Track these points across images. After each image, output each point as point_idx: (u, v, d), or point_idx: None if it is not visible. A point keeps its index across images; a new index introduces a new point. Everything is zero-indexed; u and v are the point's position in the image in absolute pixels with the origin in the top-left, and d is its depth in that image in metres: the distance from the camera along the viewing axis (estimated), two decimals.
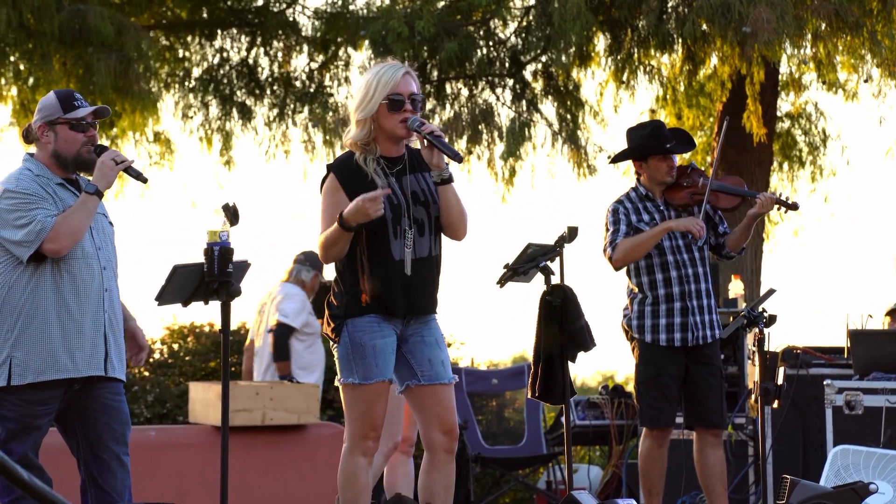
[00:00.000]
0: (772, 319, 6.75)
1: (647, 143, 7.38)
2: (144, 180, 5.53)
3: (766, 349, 6.78)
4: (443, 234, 5.31)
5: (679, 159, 7.45)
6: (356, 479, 5.24)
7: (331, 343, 5.30)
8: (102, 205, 5.70)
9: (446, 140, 5.24)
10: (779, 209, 7.40)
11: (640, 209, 7.38)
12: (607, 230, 7.37)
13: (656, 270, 7.31)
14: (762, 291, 9.22)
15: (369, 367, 5.14)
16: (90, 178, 5.53)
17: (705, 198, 7.31)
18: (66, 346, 5.46)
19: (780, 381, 8.36)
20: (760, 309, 6.73)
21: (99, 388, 5.58)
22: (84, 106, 5.58)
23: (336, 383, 5.29)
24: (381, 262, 5.17)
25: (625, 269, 7.38)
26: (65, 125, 5.54)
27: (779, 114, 13.08)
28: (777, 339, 8.91)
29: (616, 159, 8.06)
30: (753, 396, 8.06)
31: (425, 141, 5.15)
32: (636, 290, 7.37)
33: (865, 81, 11.63)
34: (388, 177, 5.20)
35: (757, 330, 6.71)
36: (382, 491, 7.11)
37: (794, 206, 7.40)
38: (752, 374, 8.46)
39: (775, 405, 6.79)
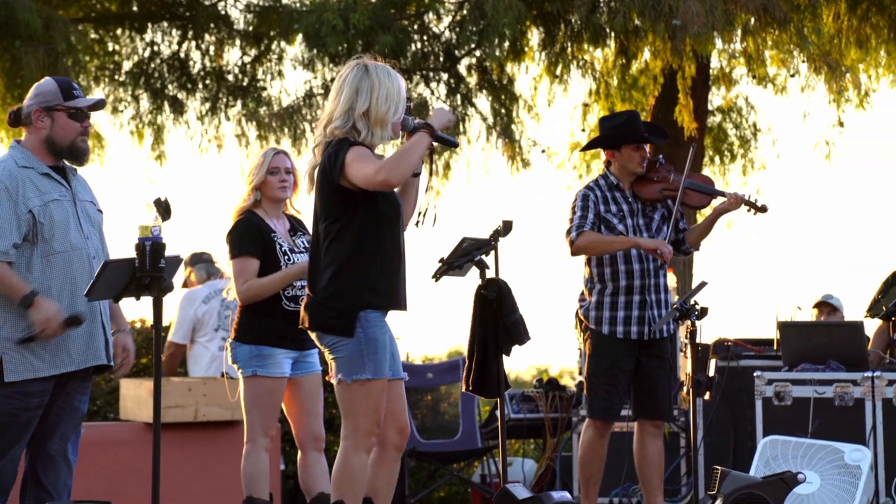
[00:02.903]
0: (704, 312, 6.81)
1: (621, 131, 7.41)
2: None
3: (697, 341, 6.83)
4: None
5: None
6: (356, 477, 5.16)
7: (328, 339, 5.21)
8: (90, 191, 5.69)
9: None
10: (748, 210, 7.44)
11: (609, 198, 7.40)
12: (573, 213, 7.35)
13: (619, 261, 7.33)
14: (694, 284, 9.30)
15: (381, 362, 5.15)
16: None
17: (679, 196, 7.34)
18: (62, 340, 5.44)
19: (711, 373, 8.44)
20: (693, 301, 6.78)
21: (72, 385, 5.57)
22: (82, 96, 5.57)
23: (333, 380, 5.22)
24: (395, 254, 5.23)
25: (584, 257, 7.40)
26: (63, 112, 5.55)
27: (710, 108, 13.19)
28: (708, 332, 8.99)
29: (588, 147, 8.12)
30: (685, 388, 8.13)
31: (408, 136, 5.25)
32: (595, 279, 7.39)
33: (793, 76, 11.75)
34: None
35: (689, 322, 6.76)
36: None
37: (763, 209, 7.44)
38: (684, 366, 8.54)
39: (707, 397, 6.85)
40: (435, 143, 5.32)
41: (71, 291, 5.50)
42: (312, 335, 5.31)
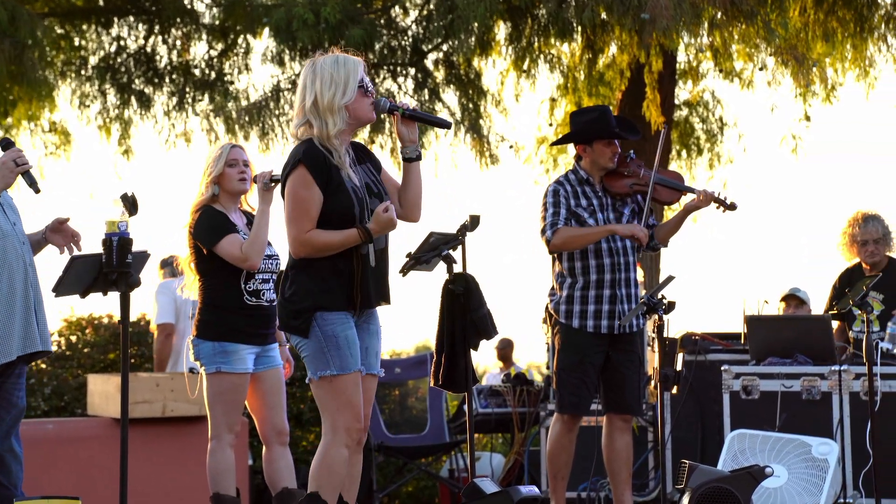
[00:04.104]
0: (671, 306, 6.82)
1: (593, 126, 7.42)
2: (38, 190, 5.47)
3: (665, 336, 6.85)
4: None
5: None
6: (333, 471, 5.19)
7: (293, 339, 5.26)
8: None
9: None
10: (717, 207, 7.45)
11: (579, 193, 7.41)
12: (545, 209, 7.36)
13: (590, 256, 7.34)
14: (661, 278, 9.32)
15: (345, 357, 5.17)
16: None
17: (650, 191, 7.36)
18: (6, 329, 5.40)
19: (678, 367, 8.45)
20: (660, 296, 6.80)
21: (9, 381, 5.53)
22: None
23: (307, 381, 5.26)
24: (351, 255, 5.22)
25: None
26: None
27: (676, 102, 13.22)
28: (676, 326, 9.01)
29: (559, 142, 8.12)
30: (653, 382, 8.15)
31: (400, 119, 5.32)
32: (566, 273, 7.39)
33: (760, 69, 11.78)
34: (354, 168, 5.26)
35: (657, 317, 6.78)
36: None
37: (733, 207, 7.45)
38: (652, 360, 8.55)
39: (674, 391, 6.86)
40: (423, 125, 5.49)
41: (9, 276, 5.45)
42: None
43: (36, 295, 5.56)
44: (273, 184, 6.34)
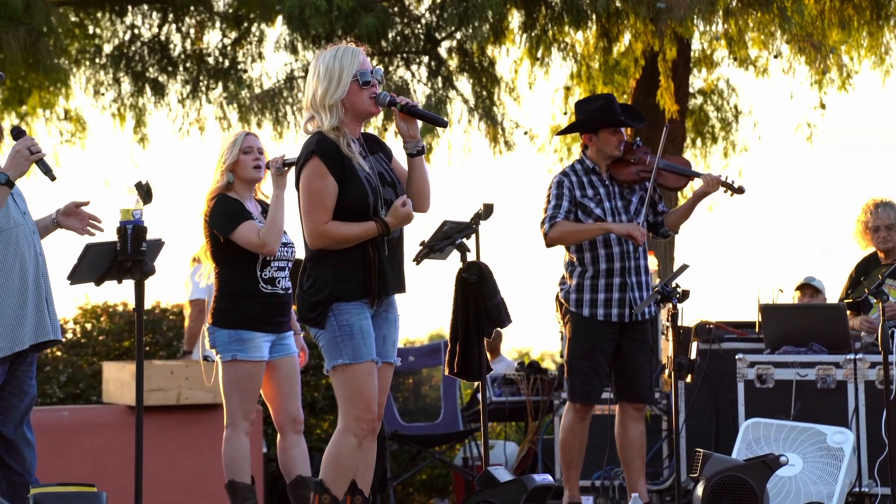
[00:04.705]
0: (685, 295, 6.81)
1: (598, 115, 7.41)
2: (53, 178, 5.46)
3: (679, 324, 6.84)
4: None
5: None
6: (340, 460, 5.22)
7: (311, 330, 5.28)
8: None
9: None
10: (725, 191, 7.44)
11: (585, 183, 7.40)
12: (548, 202, 7.36)
13: (599, 245, 7.34)
14: (676, 267, 9.30)
15: (358, 346, 5.18)
16: None
17: (652, 176, 7.35)
18: (20, 318, 5.41)
19: (693, 355, 8.44)
20: (674, 284, 6.79)
21: (21, 369, 5.54)
22: None
23: (325, 371, 5.29)
24: (367, 245, 5.23)
25: None
26: None
27: (691, 90, 13.18)
28: (690, 315, 9.00)
29: (565, 131, 8.12)
30: (667, 371, 8.14)
31: (398, 114, 5.31)
32: (576, 263, 7.39)
33: (776, 57, 11.74)
34: (365, 159, 5.25)
35: (671, 305, 6.77)
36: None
37: (741, 190, 7.45)
38: (666, 349, 8.54)
39: (688, 380, 6.85)
40: (422, 122, 5.45)
41: (21, 265, 5.46)
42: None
43: (46, 284, 5.57)
44: (286, 168, 6.33)
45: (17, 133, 5.45)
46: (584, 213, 7.35)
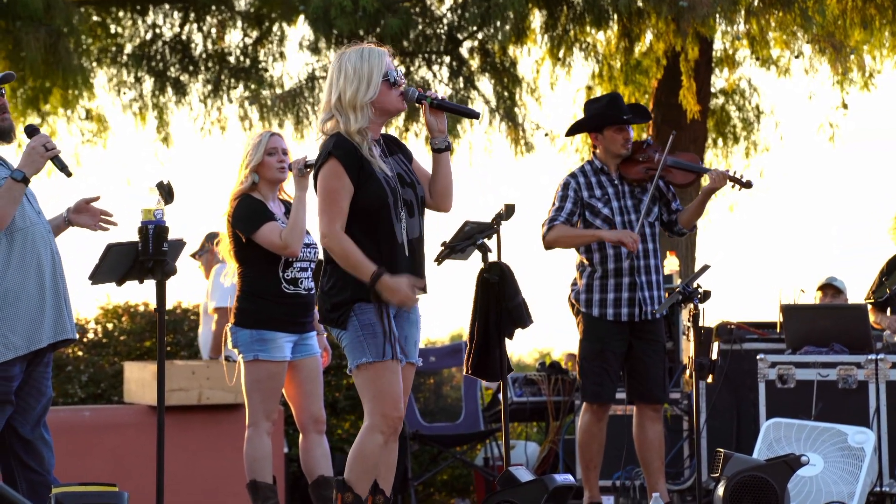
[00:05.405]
0: (706, 295, 6.80)
1: (602, 113, 7.40)
2: (69, 174, 5.46)
3: (700, 325, 6.83)
4: (426, 209, 5.40)
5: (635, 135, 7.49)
6: (366, 458, 5.22)
7: (333, 331, 5.29)
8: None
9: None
10: (733, 186, 7.43)
11: (594, 183, 7.40)
12: (553, 204, 7.38)
13: (607, 245, 7.33)
14: (697, 267, 9.29)
15: (382, 345, 5.16)
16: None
17: (657, 173, 7.34)
18: (38, 317, 5.42)
19: (714, 356, 8.42)
20: (695, 285, 6.77)
21: (38, 369, 5.55)
22: None
23: (347, 371, 5.29)
24: (388, 246, 5.23)
25: None
26: None
27: (713, 90, 13.16)
28: (711, 315, 8.98)
29: (572, 131, 8.12)
30: (688, 371, 8.12)
31: (428, 108, 5.31)
32: (586, 263, 7.39)
33: (797, 57, 11.72)
34: (384, 160, 5.25)
35: (692, 305, 6.75)
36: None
37: (748, 185, 7.43)
38: (687, 349, 8.53)
39: (709, 380, 6.84)
40: (452, 115, 5.45)
41: (37, 264, 5.47)
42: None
43: (63, 283, 5.59)
44: (308, 169, 6.34)
45: (31, 131, 5.46)
46: (592, 214, 7.35)
